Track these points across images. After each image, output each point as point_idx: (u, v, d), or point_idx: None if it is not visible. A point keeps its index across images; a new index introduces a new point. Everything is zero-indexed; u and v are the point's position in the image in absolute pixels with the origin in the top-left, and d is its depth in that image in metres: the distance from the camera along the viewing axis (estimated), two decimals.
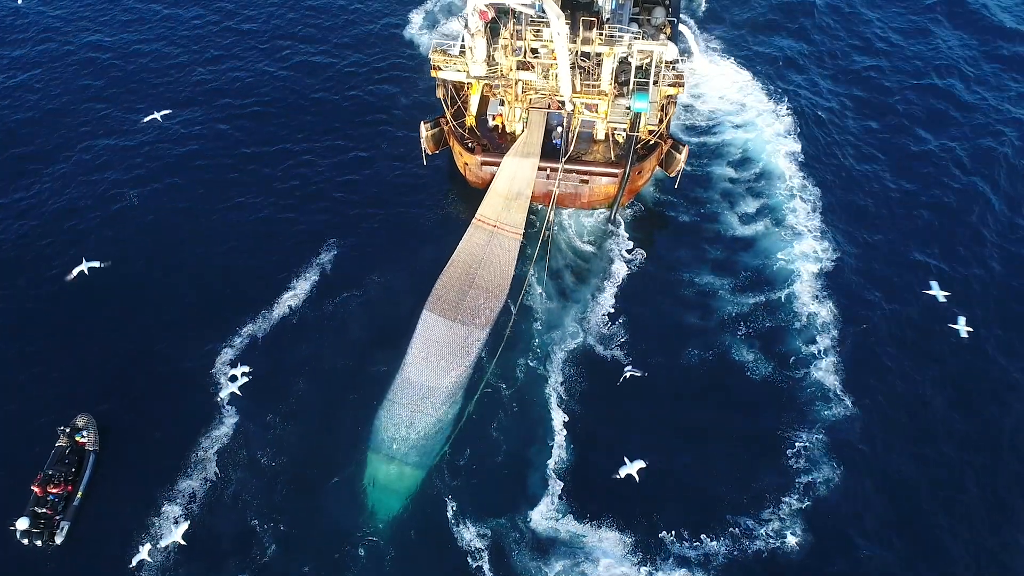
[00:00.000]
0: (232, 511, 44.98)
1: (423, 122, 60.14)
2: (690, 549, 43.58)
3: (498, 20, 56.09)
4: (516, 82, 57.98)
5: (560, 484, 45.71)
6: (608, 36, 55.81)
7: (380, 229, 60.17)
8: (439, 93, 60.27)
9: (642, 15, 65.94)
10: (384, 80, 73.63)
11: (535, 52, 56.67)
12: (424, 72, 63.09)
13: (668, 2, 67.46)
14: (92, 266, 55.96)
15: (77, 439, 47.56)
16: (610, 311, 54.20)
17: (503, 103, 60.67)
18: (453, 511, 44.84)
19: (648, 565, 42.93)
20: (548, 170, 58.16)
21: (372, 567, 43.16)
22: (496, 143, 60.65)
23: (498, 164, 58.85)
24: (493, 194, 58.87)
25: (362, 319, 53.89)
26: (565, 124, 58.52)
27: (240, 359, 51.44)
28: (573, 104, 57.59)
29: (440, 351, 51.76)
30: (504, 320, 53.45)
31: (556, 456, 46.88)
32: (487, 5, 52.56)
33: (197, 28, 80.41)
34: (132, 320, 54.35)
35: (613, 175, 58.20)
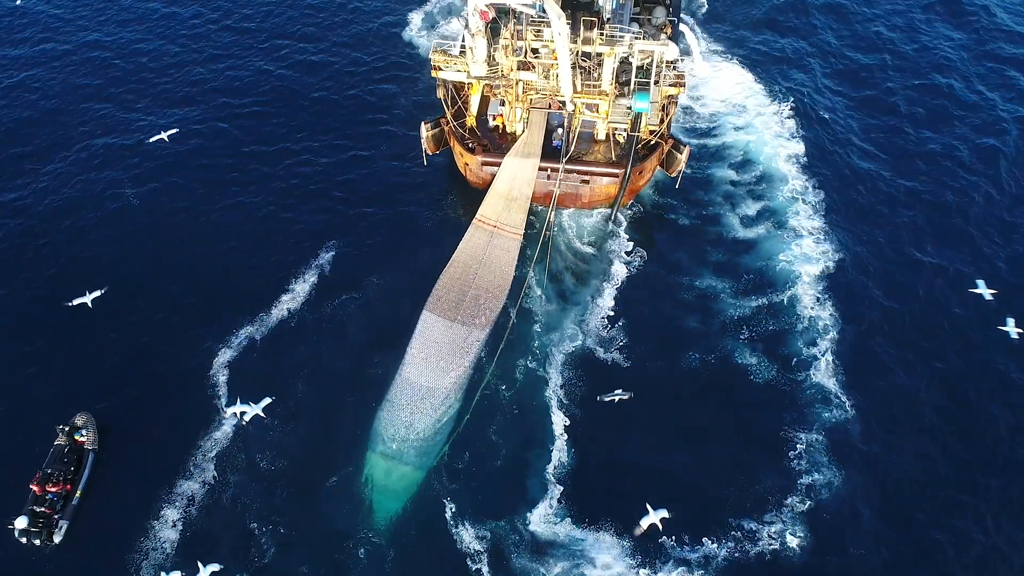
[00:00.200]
0: (231, 512, 44.84)
1: (423, 122, 60.02)
2: (690, 551, 43.49)
3: (499, 20, 55.99)
4: (517, 82, 57.84)
5: (560, 488, 45.58)
6: (609, 36, 55.66)
7: (380, 229, 60.01)
8: (439, 93, 60.16)
9: (643, 15, 65.76)
10: (384, 80, 73.46)
11: (536, 52, 56.53)
12: (424, 72, 63.08)
13: (669, 2, 67.25)
14: (95, 296, 54.16)
15: (76, 438, 47.41)
16: (610, 314, 54.02)
17: (504, 103, 60.55)
18: (452, 513, 44.72)
19: (647, 568, 42.85)
20: (549, 170, 58.06)
21: (371, 569, 43.04)
22: (497, 143, 60.54)
23: (499, 164, 58.72)
24: (493, 194, 58.76)
25: (361, 320, 53.75)
26: (566, 124, 58.43)
27: (239, 358, 51.36)
28: (574, 104, 57.51)
29: (440, 351, 51.65)
30: (504, 321, 53.33)
31: (556, 459, 46.73)
32: (488, 5, 52.46)
33: (196, 27, 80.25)
34: (131, 319, 54.20)
35: (614, 175, 58.11)
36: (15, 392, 50.44)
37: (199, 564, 42.49)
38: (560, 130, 59.20)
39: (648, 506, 43.95)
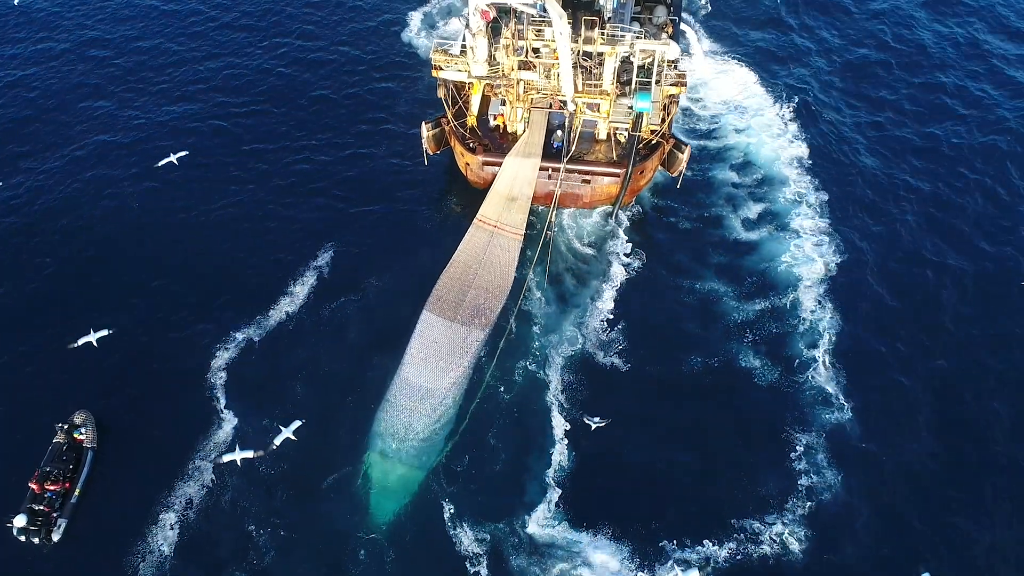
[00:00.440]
0: (229, 515, 44.72)
1: (424, 122, 59.87)
2: (691, 552, 43.41)
3: (500, 20, 55.85)
4: (518, 82, 57.71)
5: (559, 490, 45.46)
6: (610, 35, 55.53)
7: (380, 228, 59.87)
8: (440, 93, 60.02)
9: (644, 14, 65.69)
10: (384, 78, 73.27)
11: (537, 52, 56.41)
12: (424, 71, 62.89)
13: (670, 1, 67.17)
14: (101, 336, 52.22)
15: (75, 436, 47.31)
16: (609, 316, 53.84)
17: (504, 103, 60.41)
18: (451, 515, 44.60)
19: (647, 571, 42.75)
20: (550, 170, 57.94)
21: (371, 570, 42.94)
22: (497, 143, 60.39)
23: (499, 164, 58.58)
24: (494, 194, 58.61)
25: (360, 321, 53.63)
26: (567, 124, 58.29)
27: (239, 358, 51.31)
28: (575, 104, 57.39)
29: (439, 351, 51.53)
30: (503, 322, 53.21)
31: (555, 462, 46.60)
32: (489, 5, 52.33)
33: (195, 25, 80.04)
34: (130, 317, 54.07)
35: (615, 175, 58.00)
36: (14, 390, 50.33)
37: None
38: (559, 132, 59.05)
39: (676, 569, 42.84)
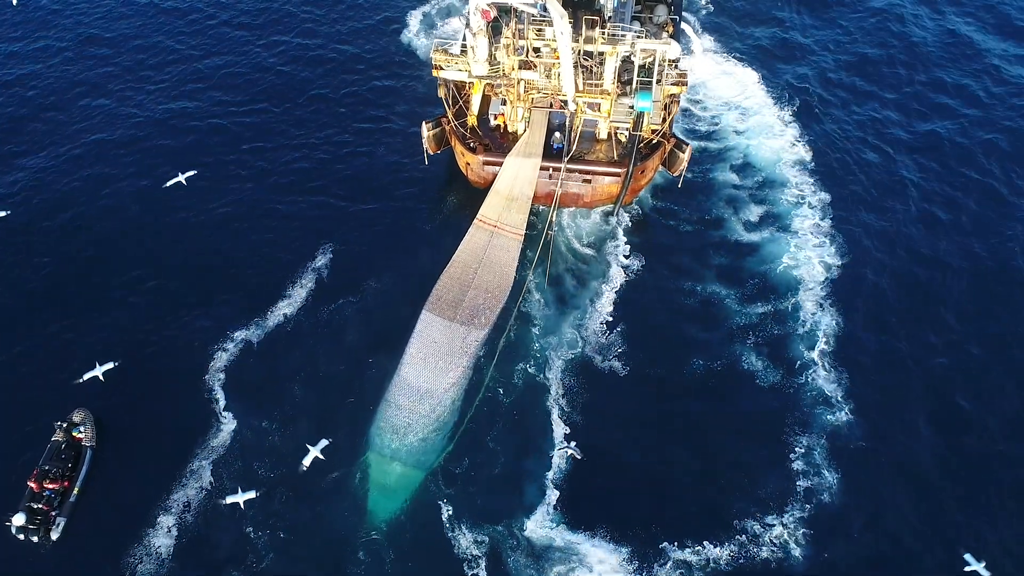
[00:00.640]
0: (228, 515, 44.68)
1: (424, 122, 59.73)
2: (692, 554, 43.41)
3: (500, 19, 55.74)
4: (518, 81, 57.58)
5: (557, 492, 45.44)
6: (611, 35, 55.41)
7: (380, 228, 59.76)
8: (441, 92, 59.90)
9: (644, 13, 65.57)
10: (383, 77, 73.07)
11: (537, 51, 56.29)
12: (424, 70, 62.75)
13: (671, 0, 67.17)
14: (106, 369, 50.94)
15: (74, 434, 47.27)
16: (609, 319, 53.69)
17: (505, 103, 60.30)
18: (450, 516, 44.57)
19: (646, 572, 42.76)
20: (550, 170, 57.84)
21: (370, 571, 42.92)
22: (498, 143, 60.28)
23: (500, 164, 58.46)
24: (494, 194, 58.49)
25: (360, 321, 53.54)
26: (568, 124, 58.18)
27: (238, 358, 51.32)
28: (576, 103, 57.30)
29: (439, 352, 51.46)
30: (503, 323, 53.11)
31: (555, 464, 46.56)
32: (489, 4, 52.22)
33: (194, 23, 79.77)
34: (129, 316, 54.03)
35: (616, 174, 57.91)
36: (13, 388, 50.29)
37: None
38: (558, 134, 58.94)
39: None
